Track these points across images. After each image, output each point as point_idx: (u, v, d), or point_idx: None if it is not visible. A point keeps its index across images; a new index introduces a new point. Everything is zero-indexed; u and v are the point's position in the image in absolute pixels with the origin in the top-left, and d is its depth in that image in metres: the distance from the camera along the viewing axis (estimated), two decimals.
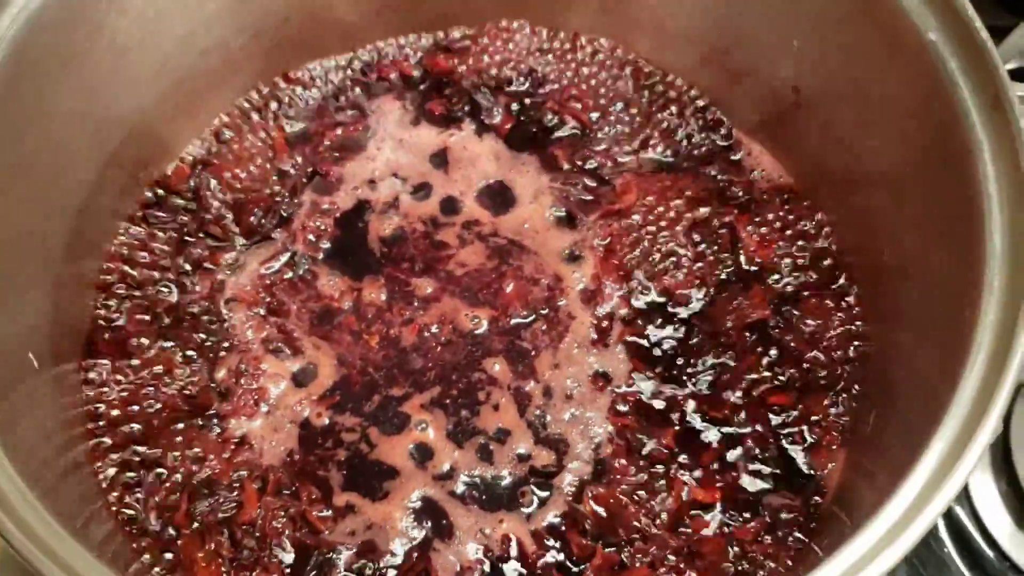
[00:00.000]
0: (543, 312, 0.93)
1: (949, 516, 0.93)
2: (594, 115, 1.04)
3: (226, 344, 0.91)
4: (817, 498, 0.83)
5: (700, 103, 1.05)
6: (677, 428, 0.87)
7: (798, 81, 0.94)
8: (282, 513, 0.82)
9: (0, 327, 0.73)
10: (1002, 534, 0.91)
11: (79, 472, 0.80)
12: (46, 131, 0.81)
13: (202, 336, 0.91)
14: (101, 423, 0.85)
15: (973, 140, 0.72)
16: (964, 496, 0.93)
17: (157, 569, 0.79)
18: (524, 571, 0.80)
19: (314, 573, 0.79)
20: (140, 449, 0.84)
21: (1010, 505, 0.91)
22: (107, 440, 0.84)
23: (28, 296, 0.80)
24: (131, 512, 0.82)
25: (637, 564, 0.79)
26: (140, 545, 0.80)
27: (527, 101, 1.05)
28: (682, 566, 0.79)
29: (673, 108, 1.05)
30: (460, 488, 0.84)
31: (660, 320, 0.92)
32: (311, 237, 0.97)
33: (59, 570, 0.58)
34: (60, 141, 0.83)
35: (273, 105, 1.04)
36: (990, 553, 0.91)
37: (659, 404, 0.88)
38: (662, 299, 0.93)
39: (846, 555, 0.59)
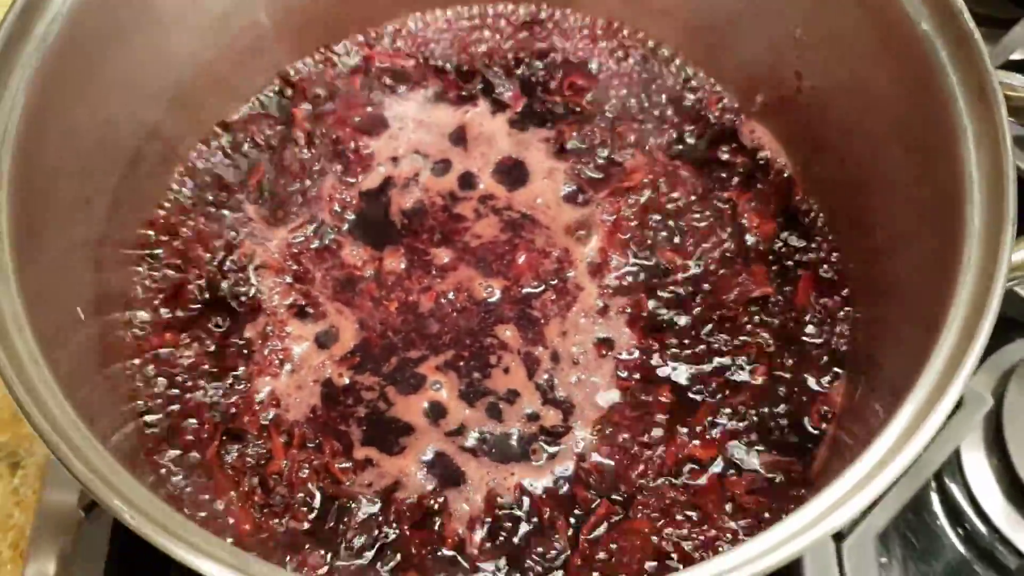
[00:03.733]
0: (552, 283, 0.97)
1: (943, 491, 0.96)
2: (602, 96, 1.08)
3: (253, 308, 0.96)
4: (809, 454, 0.88)
5: (706, 86, 1.09)
6: (676, 393, 0.91)
7: (800, 67, 0.98)
8: (307, 465, 0.86)
9: (50, 279, 0.77)
10: (993, 508, 0.93)
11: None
12: (94, 103, 0.85)
13: (231, 302, 0.96)
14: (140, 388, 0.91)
15: (959, 126, 0.76)
16: (958, 471, 0.95)
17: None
18: (533, 518, 0.85)
19: (334, 519, 0.84)
20: (174, 392, 0.91)
21: (1001, 481, 0.93)
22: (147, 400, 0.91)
23: (75, 254, 0.84)
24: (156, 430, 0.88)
25: (639, 516, 0.84)
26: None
27: (538, 81, 1.10)
28: (680, 517, 0.84)
29: (680, 90, 1.09)
30: (471, 443, 0.89)
31: (664, 293, 0.96)
32: (337, 209, 1.01)
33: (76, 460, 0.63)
34: (106, 113, 0.87)
35: (301, 83, 1.08)
36: (981, 527, 0.94)
37: (659, 370, 0.92)
38: (666, 273, 0.97)
39: (817, 502, 0.63)
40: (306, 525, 0.84)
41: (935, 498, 0.97)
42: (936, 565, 0.94)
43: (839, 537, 0.86)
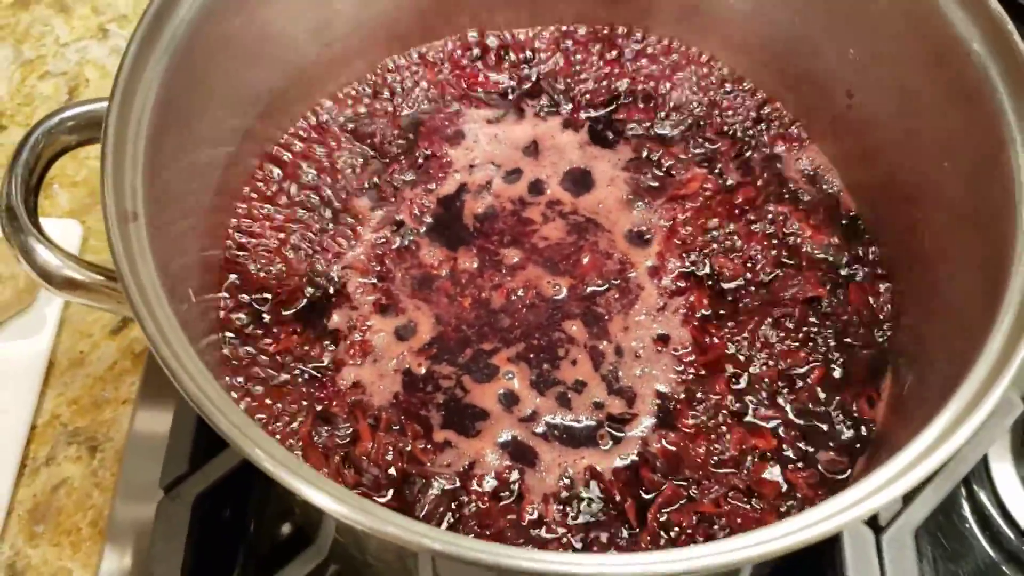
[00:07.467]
0: (615, 282, 1.02)
1: (972, 497, 1.01)
2: (664, 112, 1.14)
3: (339, 304, 1.01)
4: (859, 449, 0.92)
5: (761, 104, 1.15)
6: (734, 385, 0.95)
7: (851, 86, 1.03)
8: (391, 447, 0.91)
9: (170, 261, 0.81)
10: (1020, 513, 0.98)
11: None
12: (206, 109, 0.91)
13: (318, 299, 1.01)
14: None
15: (1008, 136, 0.80)
16: (986, 479, 1.00)
17: None
18: (603, 498, 0.89)
19: (416, 494, 0.89)
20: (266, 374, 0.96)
21: None
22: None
23: (184, 243, 0.89)
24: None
25: (705, 501, 0.88)
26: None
27: (605, 99, 1.16)
28: (743, 504, 0.88)
29: (736, 108, 1.15)
30: (542, 429, 0.93)
31: (718, 294, 1.01)
32: (416, 212, 1.07)
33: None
34: (215, 117, 0.93)
35: (383, 94, 1.15)
36: (1008, 530, 0.99)
37: (715, 366, 0.97)
38: (720, 275, 1.03)
39: (858, 488, 0.66)
40: (389, 500, 0.89)
41: (964, 504, 1.02)
42: (965, 566, 0.99)
43: (879, 531, 0.90)
